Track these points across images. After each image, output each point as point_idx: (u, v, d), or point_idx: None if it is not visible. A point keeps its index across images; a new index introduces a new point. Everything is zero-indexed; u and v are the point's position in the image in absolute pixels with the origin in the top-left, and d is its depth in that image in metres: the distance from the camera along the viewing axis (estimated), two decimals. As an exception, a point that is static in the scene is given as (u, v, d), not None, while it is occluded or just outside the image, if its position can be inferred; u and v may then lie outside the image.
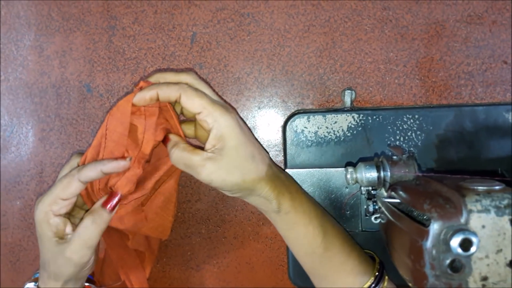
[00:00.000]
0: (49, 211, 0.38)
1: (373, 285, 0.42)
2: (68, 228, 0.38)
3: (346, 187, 0.51)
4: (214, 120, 0.38)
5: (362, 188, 0.49)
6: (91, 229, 0.37)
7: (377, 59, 0.51)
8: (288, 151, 0.51)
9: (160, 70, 0.43)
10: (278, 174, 0.43)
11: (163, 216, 0.45)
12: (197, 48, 0.52)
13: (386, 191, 0.39)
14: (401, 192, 0.36)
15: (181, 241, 0.53)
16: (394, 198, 0.36)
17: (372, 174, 0.39)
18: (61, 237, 0.38)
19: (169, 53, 0.52)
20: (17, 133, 0.54)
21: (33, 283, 0.43)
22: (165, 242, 0.53)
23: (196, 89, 0.39)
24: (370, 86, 0.51)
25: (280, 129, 0.52)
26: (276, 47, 0.51)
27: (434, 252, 0.29)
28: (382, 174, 0.38)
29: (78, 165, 0.40)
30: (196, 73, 0.43)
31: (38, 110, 0.53)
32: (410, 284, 0.34)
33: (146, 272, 0.47)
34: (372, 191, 0.48)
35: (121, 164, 0.38)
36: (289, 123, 0.51)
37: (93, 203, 0.39)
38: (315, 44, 0.51)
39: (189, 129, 0.44)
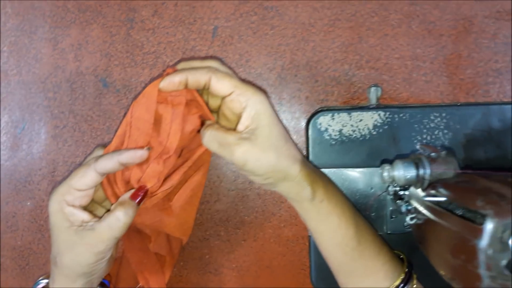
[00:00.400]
0: (63, 200, 0.36)
1: (402, 284, 0.40)
2: (86, 216, 0.36)
3: (371, 188, 0.49)
4: (247, 99, 0.37)
5: (390, 188, 0.47)
6: (123, 220, 0.35)
7: (404, 55, 0.49)
8: (311, 150, 0.49)
9: (184, 59, 0.41)
10: (308, 163, 0.42)
11: (189, 211, 0.43)
12: (218, 42, 0.50)
13: (424, 189, 0.37)
14: (442, 190, 0.34)
15: (199, 244, 0.51)
16: (435, 196, 0.34)
17: (411, 172, 0.37)
18: (79, 226, 0.36)
19: (189, 47, 0.50)
20: (28, 130, 0.51)
21: (45, 280, 0.41)
22: (184, 245, 0.51)
23: (224, 71, 0.38)
24: (397, 83, 0.49)
25: (303, 127, 0.50)
26: (300, 41, 0.49)
27: (490, 251, 0.28)
28: (421, 172, 0.36)
29: None
30: (222, 61, 0.42)
31: (51, 105, 0.51)
32: (454, 285, 0.32)
33: (165, 277, 0.44)
34: (399, 192, 0.47)
35: (138, 154, 0.36)
36: (312, 120, 0.49)
37: (117, 198, 0.37)
38: (340, 39, 0.49)
39: None
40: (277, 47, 0.50)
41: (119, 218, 0.35)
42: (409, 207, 0.41)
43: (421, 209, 0.37)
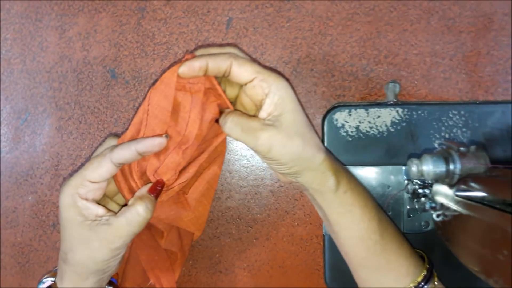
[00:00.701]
0: (75, 193, 0.34)
1: (424, 281, 0.39)
2: (101, 210, 0.34)
3: (389, 186, 0.48)
4: (270, 84, 0.35)
5: (409, 187, 0.46)
6: (143, 215, 0.33)
7: (423, 51, 0.48)
8: (326, 146, 0.48)
9: (205, 42, 0.39)
10: (331, 153, 0.40)
11: (204, 204, 0.41)
12: (233, 34, 0.48)
13: (453, 185, 0.36)
14: (474, 184, 0.33)
15: (209, 242, 0.49)
16: (467, 191, 0.33)
17: (440, 167, 0.36)
18: (93, 220, 0.34)
19: (202, 38, 0.48)
20: (31, 121, 0.49)
21: (51, 278, 0.39)
22: (193, 243, 0.49)
23: (245, 57, 0.36)
24: (415, 79, 0.48)
25: (319, 123, 0.49)
26: (317, 35, 0.48)
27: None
28: (451, 166, 0.35)
29: None
30: (240, 48, 0.40)
31: (56, 96, 0.49)
32: (490, 283, 0.31)
33: (175, 275, 0.43)
34: (419, 190, 0.46)
35: (156, 142, 0.34)
36: (328, 116, 0.48)
37: (131, 192, 0.35)
38: (358, 33, 0.48)
39: None
40: (293, 40, 0.48)
41: (139, 213, 0.33)
42: (433, 205, 0.40)
43: (451, 205, 0.35)
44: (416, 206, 0.47)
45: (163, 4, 0.48)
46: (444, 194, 0.37)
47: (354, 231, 0.39)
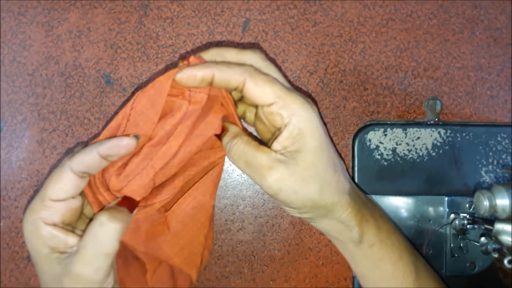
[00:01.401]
0: (38, 219, 0.26)
1: None
2: (72, 239, 0.27)
3: (429, 219, 0.41)
4: (292, 114, 0.29)
5: (457, 221, 0.39)
6: (109, 227, 0.26)
7: (467, 64, 0.42)
8: (357, 171, 0.41)
9: (217, 45, 0.32)
10: (359, 194, 0.34)
11: (192, 229, 0.33)
12: (250, 38, 0.42)
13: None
14: None
15: (217, 283, 0.41)
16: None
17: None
18: (62, 252, 0.27)
19: (214, 42, 0.41)
20: (7, 132, 0.41)
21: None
22: (195, 284, 0.41)
23: (266, 74, 0.29)
24: (459, 96, 0.42)
25: (349, 143, 0.42)
26: (347, 42, 0.42)
27: None
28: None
29: None
30: (265, 52, 0.33)
31: (39, 103, 0.41)
32: None
33: None
34: (467, 225, 0.39)
35: (123, 142, 0.27)
36: (360, 136, 0.41)
37: (101, 207, 0.28)
38: (394, 41, 0.42)
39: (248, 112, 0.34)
40: (320, 47, 0.42)
41: (102, 223, 0.26)
42: (494, 246, 0.33)
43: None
44: (461, 245, 0.40)
45: (169, 1, 0.41)
46: (516, 235, 0.30)
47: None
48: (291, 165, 0.29)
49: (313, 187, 0.29)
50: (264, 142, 0.32)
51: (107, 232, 0.26)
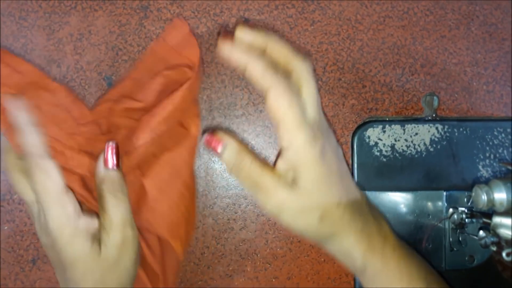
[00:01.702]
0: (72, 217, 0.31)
1: None
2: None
3: (429, 214, 0.41)
4: (290, 144, 0.30)
5: (455, 216, 0.40)
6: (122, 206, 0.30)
7: (463, 60, 0.43)
8: (357, 168, 0.42)
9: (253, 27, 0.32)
10: (368, 217, 0.34)
11: (170, 196, 0.34)
12: (249, 38, 0.42)
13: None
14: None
15: (220, 282, 0.41)
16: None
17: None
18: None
19: (214, 42, 0.42)
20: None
21: None
22: (198, 283, 0.41)
23: (290, 91, 0.30)
24: (455, 92, 0.43)
25: (348, 140, 0.42)
26: (345, 40, 0.42)
27: None
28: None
29: None
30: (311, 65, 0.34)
31: (42, 107, 0.41)
32: None
33: None
34: (466, 219, 0.39)
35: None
36: (359, 133, 0.42)
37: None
38: (391, 39, 0.42)
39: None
40: (318, 46, 0.42)
41: (114, 205, 0.30)
42: (493, 239, 0.33)
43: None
44: (460, 239, 0.41)
45: (169, 3, 0.42)
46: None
47: None
48: (294, 190, 0.30)
49: (311, 217, 0.30)
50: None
51: (122, 208, 0.30)
